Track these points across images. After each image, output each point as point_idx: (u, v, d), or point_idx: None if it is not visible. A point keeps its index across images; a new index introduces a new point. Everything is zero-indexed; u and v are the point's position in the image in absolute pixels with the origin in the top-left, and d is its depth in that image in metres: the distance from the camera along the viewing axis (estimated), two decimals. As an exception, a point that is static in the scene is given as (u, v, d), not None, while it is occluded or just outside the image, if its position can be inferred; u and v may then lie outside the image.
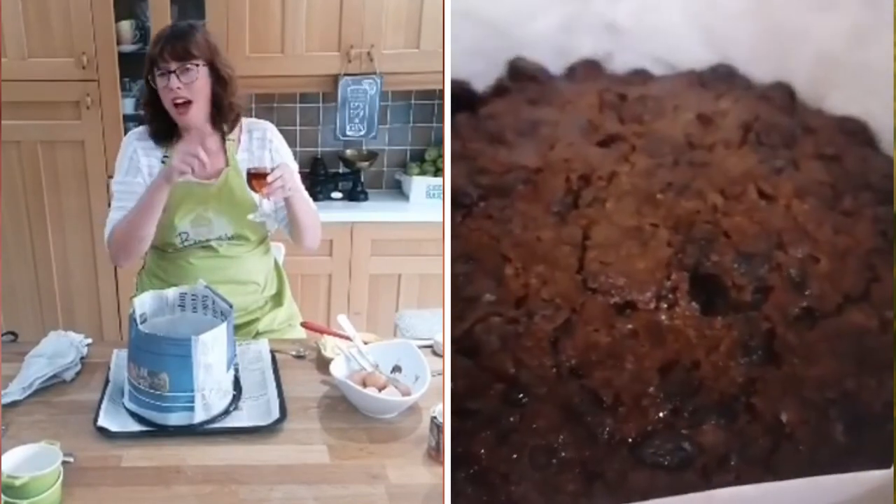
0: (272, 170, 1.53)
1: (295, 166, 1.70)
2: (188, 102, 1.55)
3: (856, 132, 1.17)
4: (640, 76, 1.26)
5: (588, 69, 1.27)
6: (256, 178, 1.54)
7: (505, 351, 0.97)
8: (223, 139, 1.63)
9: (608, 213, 1.05)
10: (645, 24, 1.24)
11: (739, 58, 1.25)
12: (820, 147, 1.14)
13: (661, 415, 0.93)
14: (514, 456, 0.92)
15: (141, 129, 1.67)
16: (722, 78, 1.24)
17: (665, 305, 0.99)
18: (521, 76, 1.26)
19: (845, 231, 1.04)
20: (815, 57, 1.19)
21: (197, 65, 1.54)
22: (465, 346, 0.98)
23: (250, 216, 1.62)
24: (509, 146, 1.14)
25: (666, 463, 0.91)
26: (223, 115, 1.61)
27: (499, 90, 1.26)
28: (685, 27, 1.24)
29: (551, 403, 0.94)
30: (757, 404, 0.93)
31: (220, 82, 1.58)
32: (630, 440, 0.92)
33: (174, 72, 1.53)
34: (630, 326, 0.97)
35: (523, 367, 0.96)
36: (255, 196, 1.59)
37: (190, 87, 1.54)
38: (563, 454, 0.91)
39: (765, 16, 1.21)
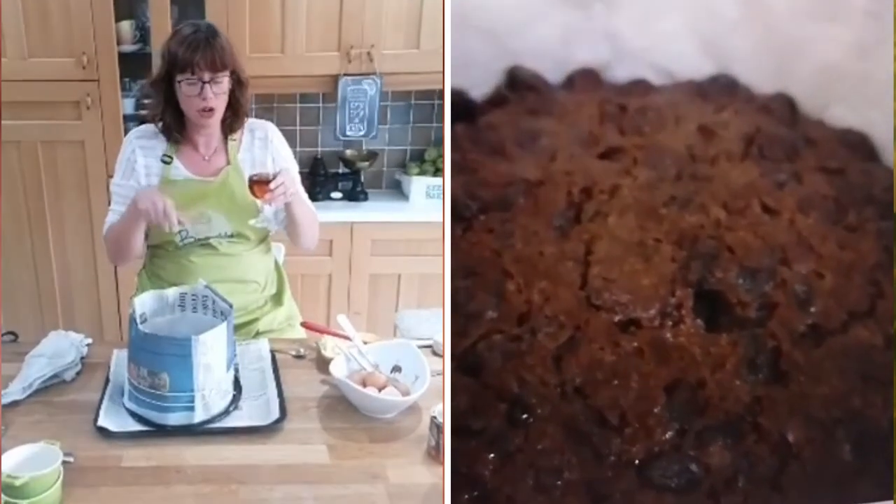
0: (274, 176, 1.53)
1: (295, 167, 1.71)
2: (214, 109, 1.55)
3: (857, 145, 1.16)
4: (640, 86, 1.26)
5: (587, 78, 1.27)
6: (258, 184, 1.54)
7: (508, 369, 0.96)
8: (226, 138, 1.64)
9: (611, 228, 1.05)
10: (644, 32, 1.24)
11: (740, 68, 1.24)
12: (822, 160, 1.13)
13: (667, 435, 0.92)
14: (519, 477, 0.91)
15: (142, 127, 1.67)
16: (722, 88, 1.24)
17: (670, 322, 0.98)
18: (520, 85, 1.25)
19: (850, 246, 1.04)
20: (817, 68, 1.19)
21: (227, 76, 1.54)
22: (467, 364, 0.97)
23: (251, 222, 1.63)
24: (509, 158, 1.14)
25: (673, 484, 0.90)
26: (235, 117, 1.62)
27: (497, 99, 1.25)
28: (685, 36, 1.24)
29: (556, 423, 0.93)
30: (763, 424, 0.93)
31: (239, 87, 1.59)
32: (637, 461, 0.91)
33: (207, 83, 1.52)
34: (635, 344, 0.97)
35: (527, 385, 0.95)
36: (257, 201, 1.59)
37: (218, 95, 1.55)
38: (568, 475, 0.91)
39: (765, 26, 1.21)
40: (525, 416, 0.94)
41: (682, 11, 1.23)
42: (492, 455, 0.92)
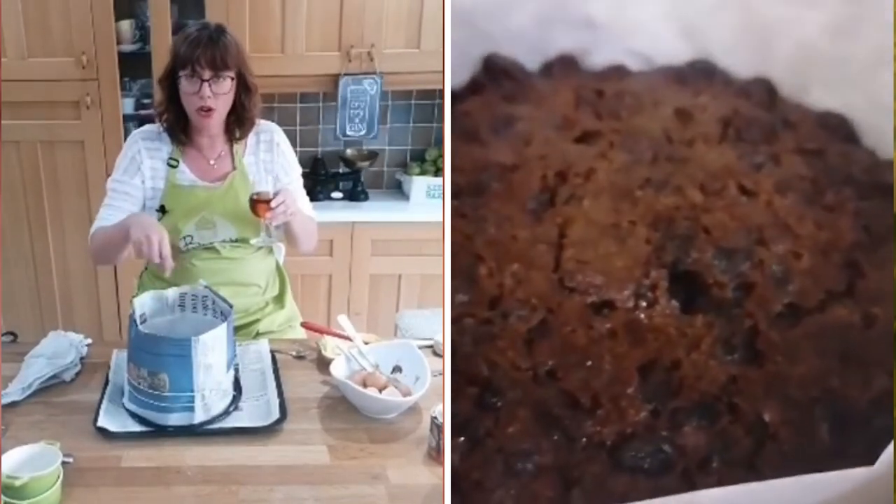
0: (275, 195, 1.53)
1: (299, 170, 1.71)
2: (213, 109, 1.55)
3: (836, 127, 1.16)
4: (618, 72, 1.24)
5: (564, 65, 1.25)
6: (259, 203, 1.54)
7: (478, 353, 0.95)
8: (232, 142, 1.63)
9: (585, 211, 1.03)
10: (622, 18, 1.23)
11: (718, 52, 1.23)
12: (800, 142, 1.12)
13: (640, 417, 0.91)
14: (489, 462, 0.90)
15: (146, 128, 1.67)
16: (701, 73, 1.23)
17: (644, 304, 0.97)
18: (496, 72, 1.24)
19: (827, 226, 1.03)
20: (795, 51, 1.18)
21: (230, 77, 1.54)
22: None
23: (253, 241, 1.63)
24: (483, 144, 1.13)
25: (646, 466, 0.89)
26: (241, 123, 1.61)
27: (473, 87, 1.24)
28: (663, 21, 1.23)
29: (527, 407, 0.92)
30: (739, 404, 0.92)
31: (245, 91, 1.58)
32: (609, 444, 0.90)
33: (207, 81, 1.52)
34: (608, 326, 0.96)
35: (498, 369, 0.94)
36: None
37: (218, 96, 1.54)
38: (539, 459, 0.90)
39: (744, 9, 1.20)
40: (495, 400, 0.93)
41: None
42: (461, 439, 0.91)
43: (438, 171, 2.69)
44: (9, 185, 2.48)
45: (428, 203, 2.65)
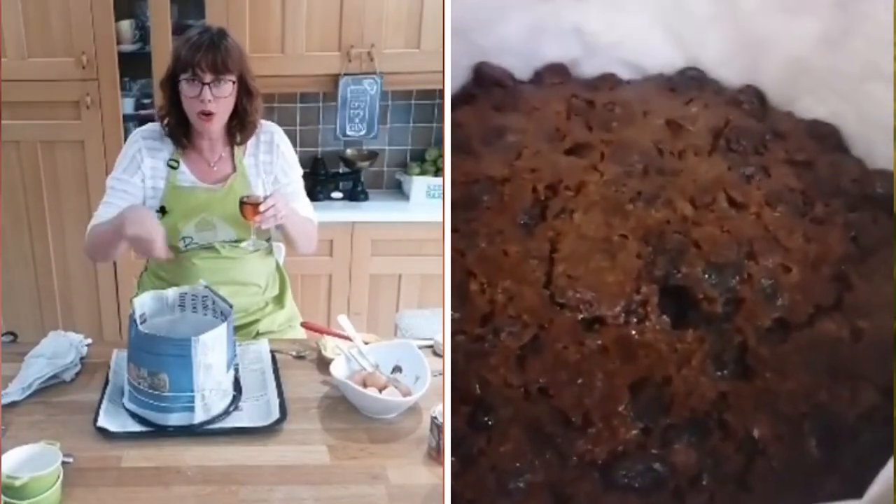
0: (265, 198, 1.53)
1: (299, 171, 1.71)
2: (213, 113, 1.54)
3: (826, 136, 1.15)
4: (608, 81, 1.24)
5: (555, 74, 1.25)
6: (249, 206, 1.54)
7: (470, 371, 0.95)
8: (232, 145, 1.63)
9: (576, 225, 1.03)
10: (612, 27, 1.22)
11: (709, 61, 1.23)
12: (790, 153, 1.12)
13: (631, 435, 0.91)
14: (482, 480, 0.90)
15: (147, 127, 1.66)
16: (691, 81, 1.23)
17: (635, 320, 0.97)
18: (487, 81, 1.23)
19: (816, 239, 1.03)
20: (785, 60, 1.18)
21: (232, 80, 1.54)
22: None
23: (243, 245, 1.63)
24: (475, 155, 1.12)
25: (637, 485, 0.89)
26: (242, 127, 1.61)
27: (464, 97, 1.23)
28: (653, 30, 1.22)
29: (519, 425, 0.92)
30: (729, 420, 0.92)
31: (246, 95, 1.58)
32: (600, 462, 0.90)
33: (208, 84, 1.52)
34: (599, 342, 0.96)
35: (490, 387, 0.94)
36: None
37: (219, 99, 1.54)
38: (531, 478, 0.90)
39: (734, 18, 1.20)
40: (487, 418, 0.93)
41: (650, 5, 1.22)
42: (454, 458, 0.91)
43: (438, 171, 2.69)
44: (9, 185, 2.48)
45: (428, 203, 2.65)
